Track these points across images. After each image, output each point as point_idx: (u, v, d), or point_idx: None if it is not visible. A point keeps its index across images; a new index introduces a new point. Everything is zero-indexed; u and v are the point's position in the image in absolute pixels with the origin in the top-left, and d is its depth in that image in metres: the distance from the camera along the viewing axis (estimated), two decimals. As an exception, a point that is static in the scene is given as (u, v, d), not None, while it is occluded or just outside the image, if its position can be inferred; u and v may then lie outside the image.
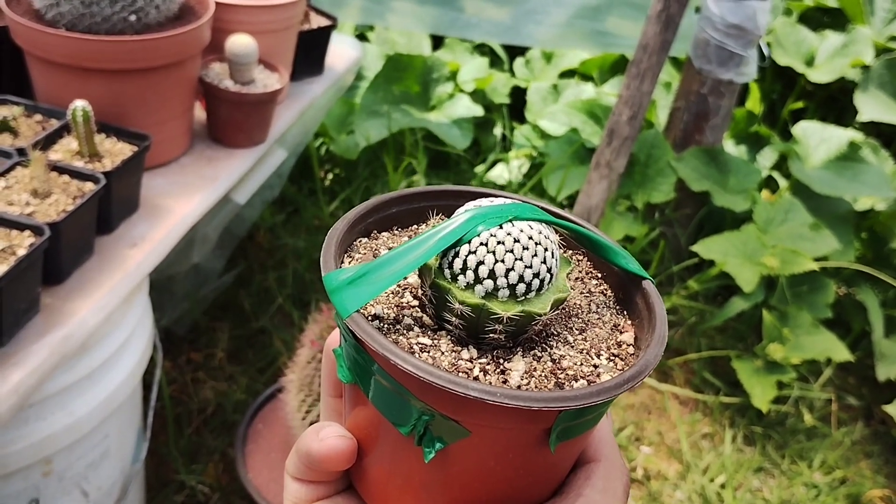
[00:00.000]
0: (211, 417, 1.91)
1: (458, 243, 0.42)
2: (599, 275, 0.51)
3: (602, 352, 0.44)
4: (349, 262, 0.47)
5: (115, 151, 1.23)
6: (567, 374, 0.42)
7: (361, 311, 0.42)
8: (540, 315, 0.42)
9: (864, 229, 2.51)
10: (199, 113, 1.56)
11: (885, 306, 2.34)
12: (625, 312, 0.48)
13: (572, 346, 0.44)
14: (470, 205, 0.44)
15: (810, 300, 2.24)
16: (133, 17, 1.24)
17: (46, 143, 1.20)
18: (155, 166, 1.41)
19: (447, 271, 0.42)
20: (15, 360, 1.02)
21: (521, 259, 0.41)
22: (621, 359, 0.44)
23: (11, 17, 1.22)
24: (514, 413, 0.38)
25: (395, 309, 0.44)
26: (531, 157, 2.70)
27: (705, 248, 2.22)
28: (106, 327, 1.18)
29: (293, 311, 2.19)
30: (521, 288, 0.42)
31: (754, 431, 2.14)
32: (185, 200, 1.36)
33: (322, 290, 2.28)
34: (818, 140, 2.54)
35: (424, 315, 0.44)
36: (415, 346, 0.42)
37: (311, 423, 1.45)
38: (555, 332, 0.45)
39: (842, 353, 2.10)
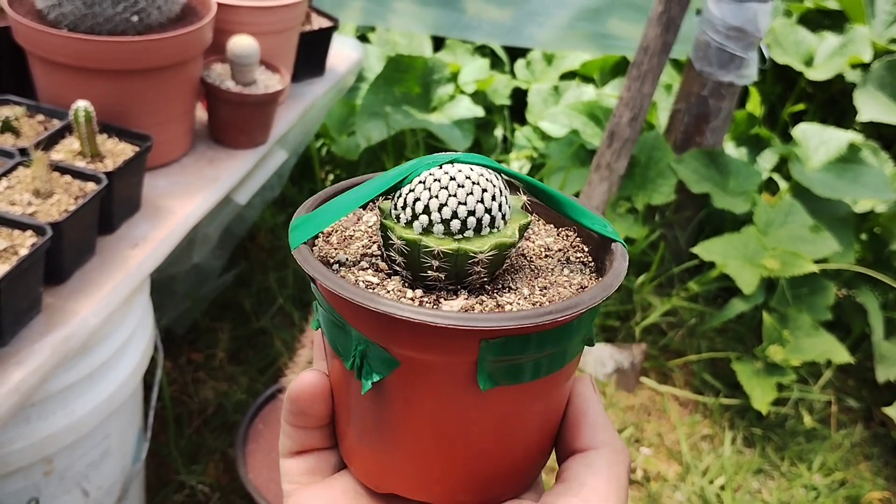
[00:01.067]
0: (211, 417, 1.91)
1: (402, 184, 0.43)
2: (585, 248, 0.50)
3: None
4: (324, 240, 0.48)
5: (117, 152, 1.23)
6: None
7: (326, 256, 0.45)
8: (475, 253, 0.42)
9: (864, 231, 2.51)
10: (201, 113, 1.56)
11: (885, 308, 2.34)
12: (595, 276, 0.48)
13: (525, 298, 0.44)
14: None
15: (810, 302, 2.24)
16: (135, 18, 1.25)
17: (48, 143, 1.20)
18: (156, 167, 1.41)
19: (393, 212, 0.44)
20: (16, 359, 1.02)
21: (454, 195, 0.42)
22: None
23: (14, 17, 1.23)
24: (431, 337, 0.38)
25: (359, 256, 0.46)
26: (532, 159, 2.71)
27: (705, 249, 2.22)
28: (107, 327, 1.18)
29: (294, 312, 2.20)
30: (456, 224, 0.42)
31: (754, 433, 2.14)
32: (186, 201, 1.36)
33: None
34: (818, 142, 2.54)
35: (382, 262, 0.45)
36: (360, 282, 0.43)
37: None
38: (512, 287, 0.44)
39: (842, 355, 2.10)
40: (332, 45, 1.85)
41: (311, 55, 1.78)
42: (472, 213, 0.42)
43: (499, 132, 2.89)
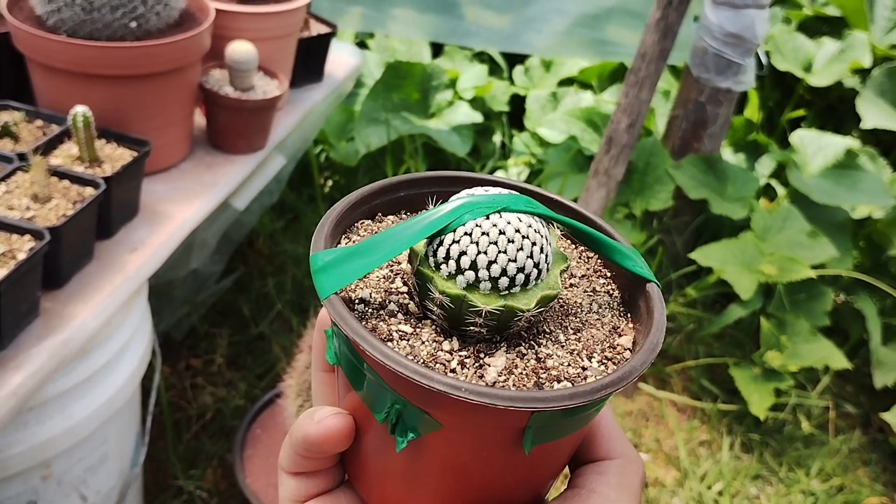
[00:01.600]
0: (209, 423, 1.91)
1: (444, 231, 0.41)
2: (608, 273, 0.49)
3: (595, 354, 0.43)
4: (346, 243, 0.46)
5: (116, 157, 1.24)
6: (550, 374, 0.41)
7: (346, 292, 0.42)
8: (523, 311, 0.40)
9: (862, 237, 2.52)
10: (199, 119, 1.57)
11: (882, 314, 2.34)
12: (628, 314, 0.46)
13: (562, 346, 0.43)
14: (463, 193, 0.43)
15: (808, 308, 2.24)
16: (134, 24, 1.25)
17: (47, 148, 1.20)
18: (155, 172, 1.42)
19: (432, 259, 0.41)
20: (15, 363, 1.03)
21: (504, 252, 0.40)
22: (614, 363, 0.42)
23: (13, 23, 1.23)
24: (482, 410, 0.37)
25: (383, 294, 0.44)
26: (530, 165, 2.71)
27: (703, 255, 2.23)
28: (105, 331, 1.19)
29: (292, 317, 2.20)
30: (504, 282, 0.40)
31: (752, 439, 2.14)
32: (184, 206, 1.36)
33: (321, 297, 2.28)
34: (816, 148, 2.54)
35: (411, 302, 0.43)
36: (394, 334, 0.41)
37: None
38: (546, 330, 0.44)
39: (839, 361, 2.10)
40: (331, 51, 1.86)
41: (309, 61, 1.79)
42: (521, 269, 0.40)
43: (497, 138, 2.90)
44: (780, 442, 2.14)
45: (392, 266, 0.46)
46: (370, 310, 0.42)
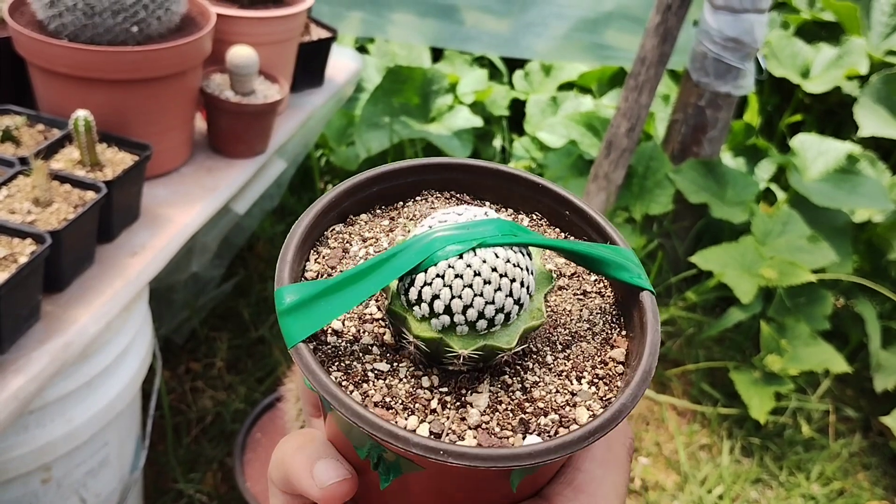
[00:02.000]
0: (209, 426, 1.91)
1: (416, 269, 0.38)
2: (610, 290, 0.46)
3: (585, 372, 0.41)
4: (315, 259, 0.44)
5: (117, 161, 1.24)
6: (536, 408, 0.38)
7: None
8: (504, 350, 0.38)
9: (861, 241, 2.52)
10: (200, 123, 1.57)
11: (882, 318, 2.34)
12: (620, 320, 0.44)
13: (550, 369, 0.41)
14: (436, 219, 0.40)
15: (808, 312, 2.24)
16: (135, 29, 1.25)
17: (48, 152, 1.21)
18: (156, 176, 1.42)
19: (404, 297, 0.39)
20: (15, 366, 1.03)
21: (480, 295, 0.37)
22: (605, 383, 0.40)
23: (14, 27, 1.24)
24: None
25: (356, 321, 0.41)
26: (530, 169, 2.71)
27: (703, 259, 2.23)
28: (106, 335, 1.19)
29: (292, 321, 2.20)
30: (483, 324, 0.38)
31: (752, 443, 2.14)
32: (185, 210, 1.37)
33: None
34: (816, 153, 2.55)
35: (387, 332, 0.41)
36: (370, 374, 0.39)
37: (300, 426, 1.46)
38: (533, 350, 0.41)
39: (840, 365, 2.10)
40: (331, 56, 1.86)
41: (309, 66, 1.79)
42: (500, 310, 0.38)
43: (497, 142, 2.90)
44: (781, 446, 2.14)
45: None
46: (343, 343, 0.40)
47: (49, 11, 1.23)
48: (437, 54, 3.14)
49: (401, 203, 0.48)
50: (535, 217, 0.49)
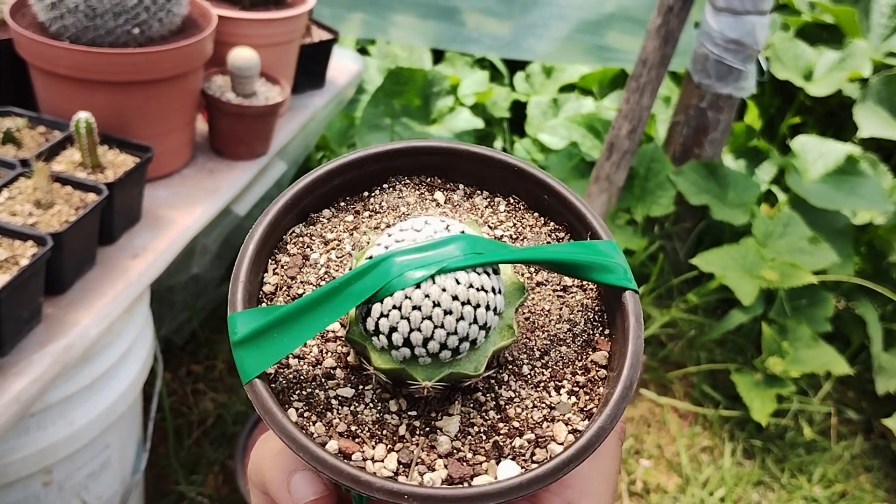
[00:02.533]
0: (211, 429, 1.91)
1: (373, 298, 0.35)
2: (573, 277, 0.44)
3: (565, 381, 0.39)
4: (273, 270, 0.41)
5: (118, 163, 1.24)
6: (511, 428, 0.37)
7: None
8: (471, 376, 0.36)
9: (863, 243, 2.52)
10: (201, 125, 1.57)
11: (884, 320, 2.34)
12: (604, 317, 0.41)
13: (527, 382, 0.39)
14: (392, 236, 0.37)
15: (809, 314, 2.24)
16: (136, 30, 1.25)
17: (50, 154, 1.20)
18: (157, 178, 1.42)
19: (361, 325, 0.37)
20: (17, 369, 1.03)
21: (441, 326, 0.35)
22: (586, 391, 0.38)
23: (16, 29, 1.23)
24: None
25: (319, 340, 0.39)
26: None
27: (704, 261, 2.23)
28: (107, 337, 1.19)
29: (293, 323, 2.20)
30: (446, 354, 0.36)
31: (754, 445, 2.14)
32: (186, 212, 1.36)
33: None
34: (816, 154, 2.55)
35: (352, 352, 0.39)
36: (333, 401, 0.37)
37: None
38: (509, 359, 0.39)
39: (841, 367, 2.10)
40: (333, 58, 1.86)
41: (311, 67, 1.79)
42: (464, 338, 0.36)
43: (498, 144, 2.90)
44: (782, 448, 2.14)
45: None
46: (305, 367, 0.38)
47: (50, 13, 1.23)
48: (438, 56, 3.14)
49: (366, 193, 0.45)
50: (512, 200, 0.46)
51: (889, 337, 2.30)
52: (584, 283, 0.43)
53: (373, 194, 0.45)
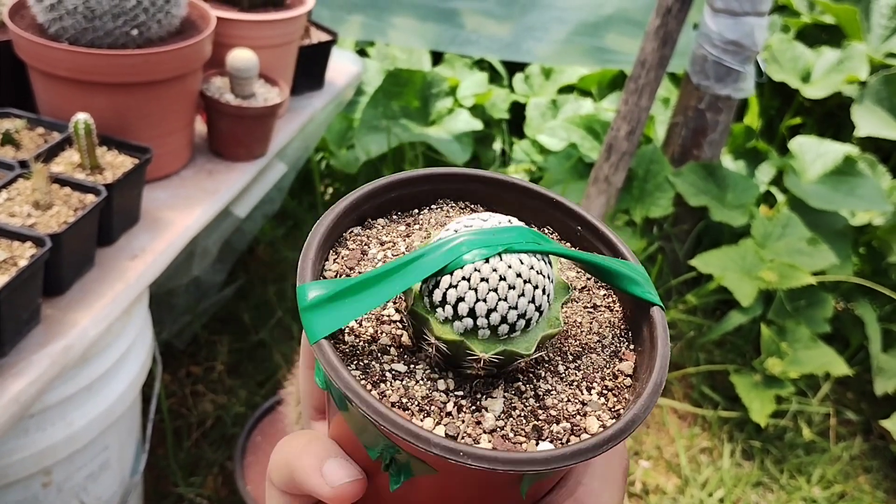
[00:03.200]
0: (210, 430, 1.91)
1: (442, 272, 0.38)
2: (617, 301, 0.47)
3: (595, 384, 0.41)
4: (334, 259, 0.44)
5: (117, 164, 1.24)
6: (549, 415, 0.39)
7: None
8: (523, 356, 0.39)
9: (862, 244, 2.52)
10: (200, 126, 1.57)
11: (882, 321, 2.34)
12: (629, 334, 0.45)
13: (562, 378, 0.41)
14: (461, 224, 0.40)
15: (808, 314, 2.24)
16: (135, 32, 1.26)
17: (48, 155, 1.21)
18: (156, 179, 1.42)
19: (427, 299, 0.39)
20: (15, 370, 1.03)
21: (504, 300, 0.38)
22: (614, 394, 0.41)
23: (15, 30, 1.24)
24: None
25: (374, 322, 0.42)
26: (530, 172, 2.71)
27: (703, 262, 2.23)
28: (106, 338, 1.19)
29: (292, 325, 2.20)
30: (504, 328, 0.38)
31: (753, 446, 2.14)
32: (185, 213, 1.37)
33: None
34: (815, 155, 2.55)
35: (405, 334, 0.41)
36: (387, 374, 0.39)
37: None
38: (546, 358, 0.42)
39: (840, 368, 2.10)
40: (332, 59, 1.86)
41: (310, 69, 1.80)
42: (522, 315, 0.38)
43: (497, 146, 2.90)
44: (781, 449, 2.14)
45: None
46: (361, 343, 0.40)
47: (49, 15, 1.23)
48: (437, 58, 3.14)
49: (416, 210, 0.49)
50: (546, 230, 0.50)
51: (888, 338, 2.30)
52: (611, 304, 0.46)
53: (422, 212, 0.49)
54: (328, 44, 1.81)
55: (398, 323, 0.42)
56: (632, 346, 0.44)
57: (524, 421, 0.39)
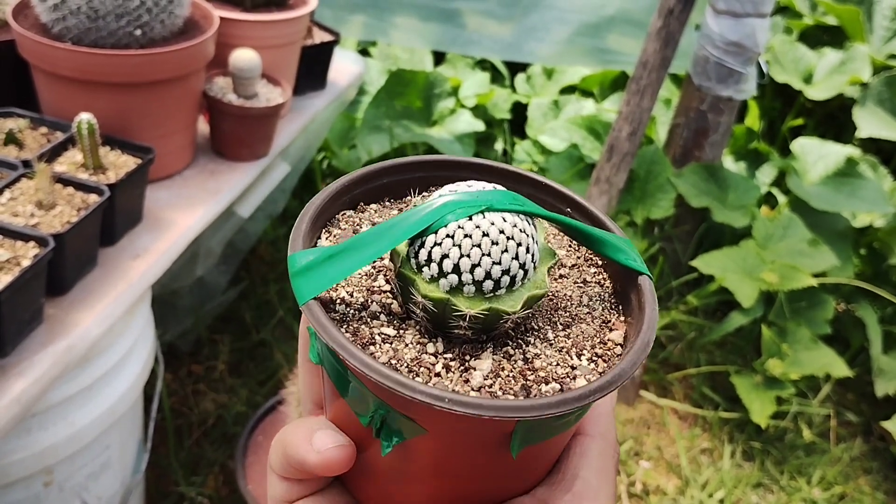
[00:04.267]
0: (211, 429, 1.91)
1: (426, 232, 0.39)
2: (599, 262, 0.48)
3: (585, 351, 0.42)
4: (327, 239, 0.45)
5: (120, 164, 1.24)
6: (537, 376, 0.39)
7: (326, 292, 0.41)
8: (508, 314, 0.39)
9: (862, 246, 2.52)
10: (203, 126, 1.57)
11: (883, 322, 2.34)
12: (619, 307, 0.45)
13: (551, 344, 0.42)
14: (445, 189, 0.41)
15: (809, 316, 2.24)
16: (138, 32, 1.26)
17: (52, 155, 1.21)
18: (158, 179, 1.42)
19: (413, 261, 0.40)
20: (18, 369, 1.03)
21: (488, 255, 0.39)
22: (604, 360, 0.41)
23: (18, 30, 1.24)
24: (466, 418, 0.36)
25: (365, 293, 0.42)
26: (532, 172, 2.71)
27: (704, 263, 2.23)
28: (108, 338, 1.19)
29: (294, 324, 2.20)
30: (489, 284, 0.39)
31: (753, 447, 2.14)
32: (188, 213, 1.37)
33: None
34: (816, 156, 2.55)
35: (394, 302, 0.42)
36: (377, 337, 0.40)
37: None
38: (535, 327, 0.43)
39: (841, 369, 2.10)
40: (334, 59, 1.86)
41: (312, 69, 1.80)
42: (506, 272, 0.39)
43: (499, 146, 2.90)
44: (782, 450, 2.14)
45: (374, 263, 0.44)
46: (351, 311, 0.41)
47: (53, 15, 1.23)
48: (439, 58, 3.14)
49: (409, 197, 0.49)
50: None
51: (888, 339, 2.30)
52: (602, 280, 0.47)
53: (414, 199, 0.49)
54: (330, 44, 1.81)
55: (388, 293, 0.42)
56: (622, 318, 0.44)
57: (513, 381, 0.39)
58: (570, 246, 0.49)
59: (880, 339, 2.25)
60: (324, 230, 0.45)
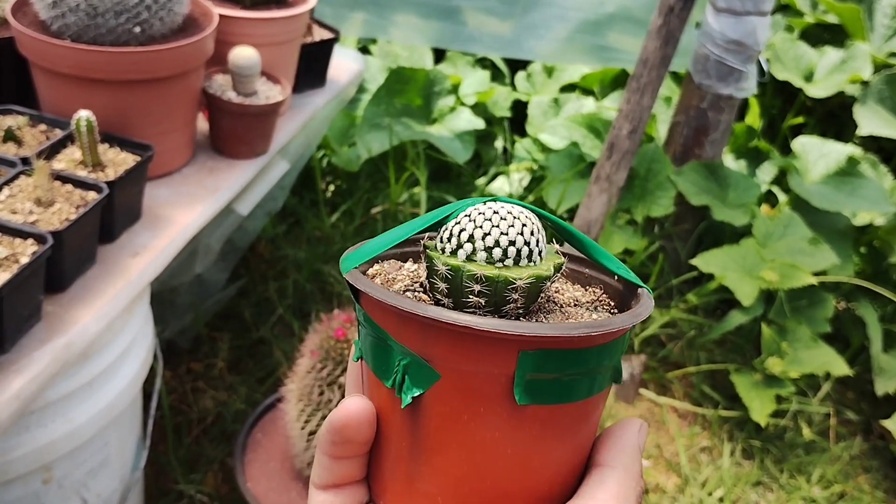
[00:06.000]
0: (210, 427, 1.91)
1: (448, 219, 0.46)
2: (612, 302, 0.51)
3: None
4: (375, 269, 0.51)
5: (119, 161, 1.24)
6: None
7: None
8: (514, 280, 0.44)
9: (863, 244, 2.52)
10: (202, 124, 1.57)
11: (883, 321, 2.34)
12: (616, 311, 0.50)
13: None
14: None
15: (809, 314, 2.24)
16: (137, 29, 1.26)
17: (50, 152, 1.21)
18: (157, 176, 1.42)
19: (438, 244, 0.47)
20: (17, 366, 1.03)
21: (497, 226, 0.45)
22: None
23: (17, 27, 1.24)
24: (472, 344, 0.41)
25: (398, 286, 0.48)
26: (532, 171, 2.72)
27: (704, 261, 2.23)
28: (107, 335, 1.19)
29: (293, 322, 2.20)
30: (498, 252, 0.45)
31: (753, 445, 2.14)
32: (187, 210, 1.37)
33: (322, 301, 2.29)
34: (817, 155, 2.55)
35: (424, 295, 0.48)
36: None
37: (311, 433, 1.45)
38: (542, 319, 0.47)
39: (841, 368, 2.10)
40: (334, 57, 1.86)
41: (312, 66, 1.80)
42: (512, 243, 0.45)
43: (499, 144, 2.90)
44: (781, 448, 2.14)
45: (414, 279, 0.49)
46: (381, 284, 0.47)
47: (52, 12, 1.23)
48: (439, 55, 3.14)
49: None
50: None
51: (889, 338, 2.30)
52: (604, 297, 0.51)
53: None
54: (330, 41, 1.81)
55: (421, 291, 0.48)
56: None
57: None
58: (585, 290, 0.53)
59: (880, 337, 2.25)
60: (374, 262, 0.52)
